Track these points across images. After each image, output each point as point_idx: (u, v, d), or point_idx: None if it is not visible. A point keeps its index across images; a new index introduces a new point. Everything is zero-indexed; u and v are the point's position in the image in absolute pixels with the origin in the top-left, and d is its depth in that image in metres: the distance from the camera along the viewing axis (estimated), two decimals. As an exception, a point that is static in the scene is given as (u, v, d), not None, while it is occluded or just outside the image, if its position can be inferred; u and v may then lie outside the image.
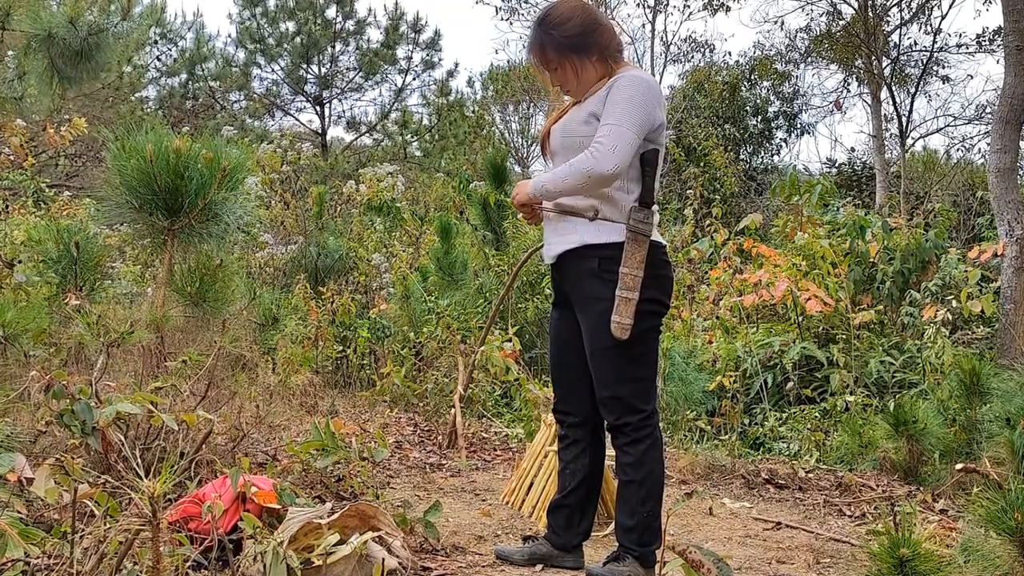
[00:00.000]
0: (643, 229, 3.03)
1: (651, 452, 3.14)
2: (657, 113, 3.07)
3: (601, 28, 3.16)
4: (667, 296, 3.19)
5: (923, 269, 8.02)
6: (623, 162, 2.99)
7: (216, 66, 23.05)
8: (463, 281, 8.67)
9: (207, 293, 4.73)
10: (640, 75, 3.10)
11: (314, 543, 2.84)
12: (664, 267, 3.15)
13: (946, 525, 4.01)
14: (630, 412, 3.13)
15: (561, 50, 3.15)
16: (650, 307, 3.09)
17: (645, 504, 3.14)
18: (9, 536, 2.48)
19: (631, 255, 3.02)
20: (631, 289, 3.02)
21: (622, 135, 2.98)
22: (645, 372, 3.16)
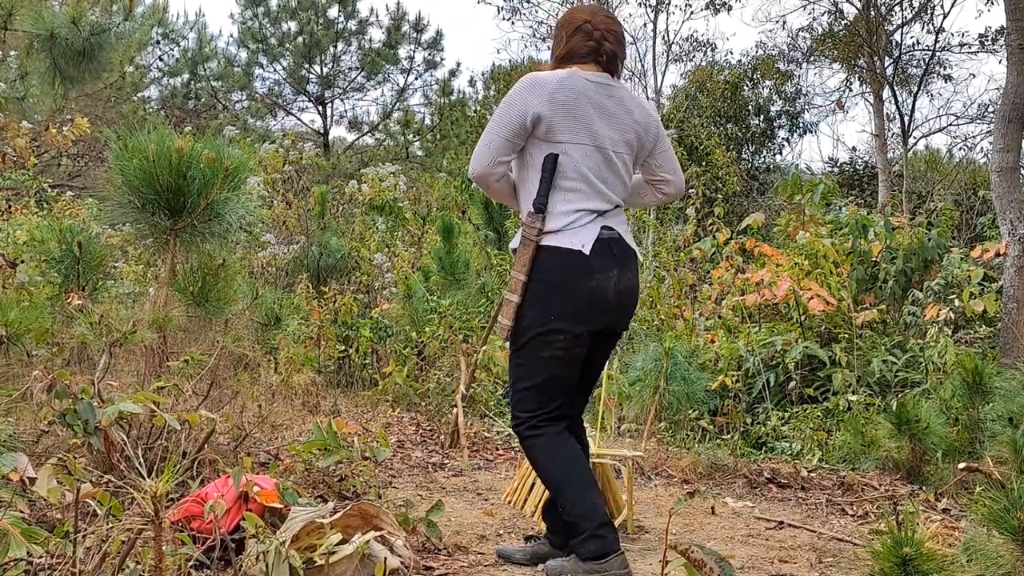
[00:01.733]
0: (528, 233, 3.06)
1: (531, 453, 3.18)
2: (530, 102, 3.03)
3: (559, 34, 3.23)
4: (559, 311, 3.05)
5: (925, 268, 8.01)
6: (478, 164, 3.09)
7: (218, 66, 23.09)
8: (465, 280, 8.67)
9: (209, 293, 4.73)
10: (530, 76, 3.11)
11: (316, 543, 2.85)
12: (562, 275, 3.05)
13: (949, 524, 4.01)
14: (514, 415, 3.22)
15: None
16: (533, 320, 3.06)
17: (558, 502, 3.16)
18: (12, 536, 2.48)
19: (518, 257, 3.08)
20: (513, 291, 3.08)
21: (481, 140, 3.10)
22: (525, 383, 3.15)
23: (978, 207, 15.17)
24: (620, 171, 3.16)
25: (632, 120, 3.16)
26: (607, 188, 3.12)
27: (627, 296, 3.16)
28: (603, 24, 3.20)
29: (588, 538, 3.04)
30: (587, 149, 3.08)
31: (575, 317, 3.06)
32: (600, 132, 3.09)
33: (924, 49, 20.56)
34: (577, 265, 3.05)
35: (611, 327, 3.19)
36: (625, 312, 3.19)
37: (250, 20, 23.09)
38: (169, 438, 3.72)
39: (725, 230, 9.34)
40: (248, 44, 23.16)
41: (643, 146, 3.21)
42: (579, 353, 3.14)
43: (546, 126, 3.04)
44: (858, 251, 8.06)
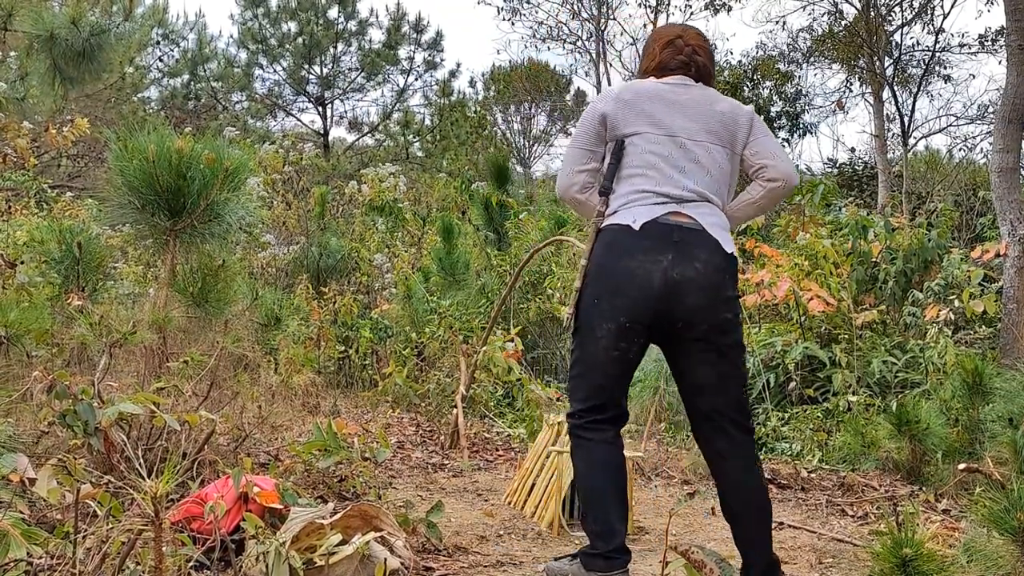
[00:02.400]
0: (596, 221, 3.05)
1: (576, 451, 3.08)
2: (596, 108, 3.10)
3: (651, 48, 3.28)
4: (601, 289, 2.97)
5: (925, 269, 8.01)
6: (561, 180, 3.15)
7: (218, 67, 23.09)
8: (465, 281, 8.67)
9: (209, 294, 4.73)
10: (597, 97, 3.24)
11: (316, 543, 2.85)
12: (608, 254, 2.98)
13: (949, 525, 4.01)
14: (571, 408, 3.12)
15: None
16: (584, 302, 3.01)
17: (584, 503, 3.08)
18: (12, 536, 2.48)
19: (587, 245, 3.08)
20: (579, 278, 3.05)
21: (563, 158, 3.20)
22: (574, 371, 3.07)
23: (978, 208, 15.17)
24: (703, 160, 3.04)
25: (714, 110, 3.08)
26: (684, 176, 3.00)
27: (683, 287, 2.89)
28: (694, 40, 3.22)
29: (598, 556, 3.00)
30: (655, 137, 3.04)
31: (611, 301, 2.94)
32: (673, 123, 3.04)
33: (924, 50, 20.57)
34: (622, 242, 2.96)
35: (667, 321, 2.93)
36: (683, 305, 2.89)
37: (250, 21, 23.09)
38: (169, 439, 3.72)
39: (725, 230, 9.32)
40: (248, 45, 23.16)
41: (735, 136, 3.09)
42: (625, 347, 2.96)
43: (612, 122, 3.06)
44: (858, 252, 8.06)
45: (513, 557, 3.62)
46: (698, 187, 3.01)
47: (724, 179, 3.09)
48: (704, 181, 3.03)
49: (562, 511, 4.06)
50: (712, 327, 2.93)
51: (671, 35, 3.24)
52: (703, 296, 2.90)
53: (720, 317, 2.93)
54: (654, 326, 2.96)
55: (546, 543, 3.86)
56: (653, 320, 2.94)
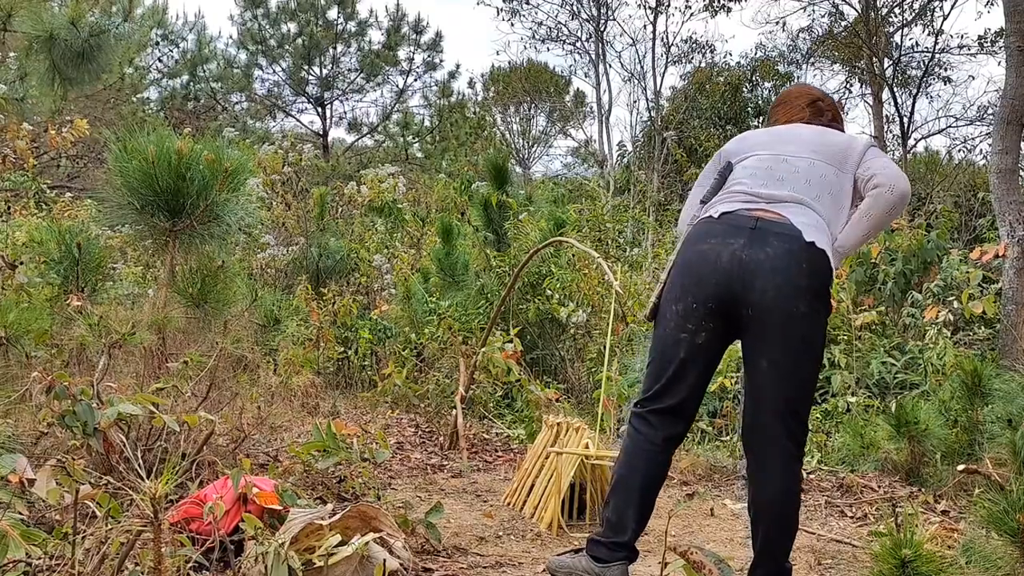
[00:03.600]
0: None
1: (623, 442, 3.11)
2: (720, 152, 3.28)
3: (776, 105, 3.49)
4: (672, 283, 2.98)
5: (925, 270, 8.01)
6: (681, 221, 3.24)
7: (218, 67, 23.08)
8: (464, 282, 8.67)
9: (209, 294, 4.73)
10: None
11: (316, 544, 2.85)
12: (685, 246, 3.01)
13: (948, 526, 4.01)
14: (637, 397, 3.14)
15: None
16: (664, 293, 3.05)
17: (611, 493, 3.08)
18: (11, 537, 2.48)
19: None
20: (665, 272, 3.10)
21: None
22: (648, 358, 3.09)
23: (977, 209, 15.17)
24: (802, 170, 3.04)
25: (826, 139, 3.16)
26: (781, 183, 3.01)
27: (751, 269, 2.82)
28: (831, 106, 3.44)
29: (604, 544, 3.01)
30: (760, 157, 3.14)
31: (681, 282, 2.94)
32: (781, 148, 3.14)
33: (924, 51, 20.58)
34: (700, 230, 2.98)
35: (736, 305, 2.86)
36: (752, 288, 2.81)
37: (249, 21, 23.08)
38: (168, 439, 3.72)
39: (725, 232, 9.32)
40: (247, 46, 23.15)
41: (846, 158, 3.08)
42: (692, 330, 2.92)
43: (727, 158, 3.22)
44: (857, 252, 8.06)
45: (512, 558, 3.62)
46: (794, 192, 2.99)
47: (827, 189, 3.02)
48: (801, 187, 3.01)
49: (561, 512, 4.06)
50: (780, 316, 2.82)
51: (814, 96, 3.44)
52: (772, 279, 2.81)
53: (790, 306, 2.81)
54: (723, 312, 2.89)
55: (545, 544, 3.86)
56: (720, 303, 2.87)
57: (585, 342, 8.32)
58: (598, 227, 9.72)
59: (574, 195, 15.48)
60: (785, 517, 2.96)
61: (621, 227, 10.71)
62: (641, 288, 8.81)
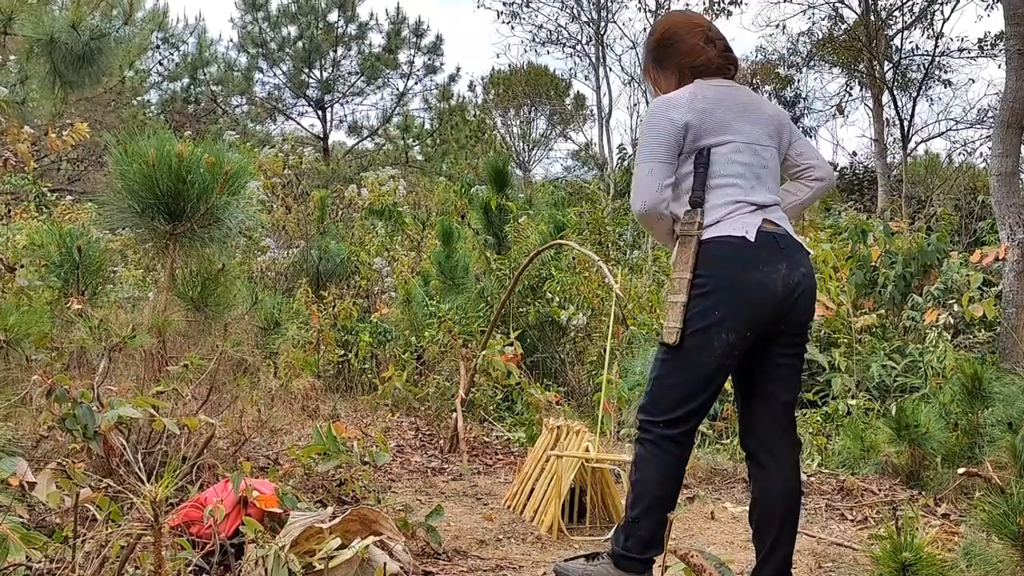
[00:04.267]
0: (686, 231, 2.95)
1: (644, 459, 3.02)
2: (672, 117, 2.98)
3: (677, 43, 3.14)
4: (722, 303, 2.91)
5: (925, 273, 8.01)
6: (648, 195, 2.97)
7: (218, 70, 23.10)
8: (465, 285, 8.67)
9: (209, 297, 4.73)
10: (662, 95, 3.08)
11: (316, 547, 2.85)
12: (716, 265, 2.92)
13: (948, 530, 4.01)
14: (643, 411, 3.05)
15: (647, 62, 3.24)
16: (698, 315, 2.92)
17: (632, 508, 3.05)
18: (11, 540, 2.48)
19: (679, 258, 2.97)
20: (676, 292, 2.94)
21: (637, 172, 3.00)
22: (672, 380, 3.00)
23: (977, 212, 15.18)
24: (770, 165, 3.07)
25: (767, 113, 3.11)
26: (761, 184, 3.02)
27: (799, 290, 2.95)
28: (718, 34, 3.19)
29: (635, 560, 3.04)
30: (737, 146, 3.03)
31: (739, 312, 2.91)
32: (744, 129, 3.04)
33: (924, 54, 20.60)
34: (743, 254, 2.92)
35: (781, 324, 2.96)
36: (797, 307, 2.96)
37: (250, 24, 23.11)
38: (169, 443, 3.72)
39: (725, 235, 9.32)
40: (248, 48, 23.18)
41: (782, 138, 3.14)
42: (735, 357, 2.96)
43: (694, 134, 3.00)
44: (857, 256, 8.06)
45: (512, 561, 3.62)
46: (772, 193, 3.05)
47: (779, 180, 3.14)
48: (773, 187, 3.08)
49: (562, 515, 4.06)
50: (805, 328, 3.07)
51: (703, 26, 3.18)
52: (811, 299, 3.02)
53: (811, 319, 3.09)
54: (764, 332, 2.97)
55: (545, 547, 3.86)
56: (768, 328, 2.96)
57: (585, 345, 8.32)
58: (598, 230, 9.72)
59: (574, 198, 15.48)
60: (799, 504, 3.10)
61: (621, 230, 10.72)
62: (641, 291, 8.81)
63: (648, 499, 3.04)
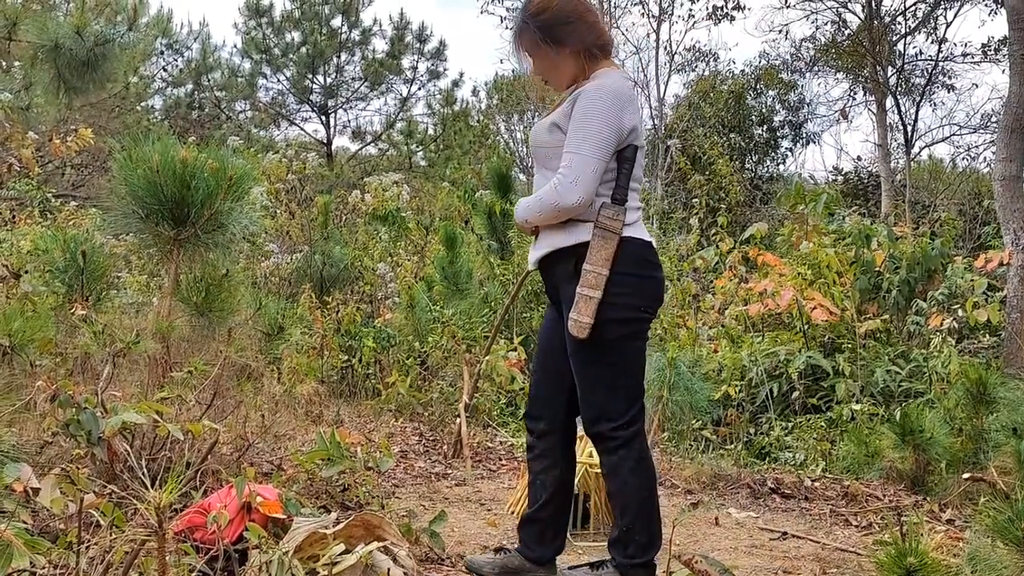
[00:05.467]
0: (611, 226, 2.95)
1: (624, 463, 3.03)
2: (624, 121, 2.97)
3: (579, 21, 3.07)
4: (647, 300, 3.06)
5: (929, 278, 8.01)
6: (588, 193, 2.94)
7: (222, 76, 23.15)
8: (468, 290, 8.67)
9: (213, 303, 4.72)
10: (604, 84, 2.98)
11: (319, 553, 2.84)
12: (643, 267, 3.04)
13: (953, 535, 4.00)
14: (603, 420, 3.04)
15: (537, 40, 3.08)
16: (624, 312, 2.98)
17: (624, 517, 3.07)
18: (15, 546, 2.48)
19: (596, 252, 2.94)
20: (593, 287, 2.94)
21: (584, 164, 2.92)
22: (622, 380, 3.04)
23: (982, 217, 15.17)
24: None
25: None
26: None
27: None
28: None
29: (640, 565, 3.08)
30: (642, 148, 3.10)
31: (654, 308, 3.11)
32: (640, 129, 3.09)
33: (927, 59, 20.60)
34: (652, 257, 3.09)
35: None
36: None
37: (254, 30, 23.14)
38: (172, 448, 3.72)
39: (728, 240, 9.34)
40: (252, 54, 23.21)
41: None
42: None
43: (630, 134, 3.02)
44: (861, 261, 8.06)
45: (516, 567, 3.61)
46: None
47: None
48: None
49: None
50: None
51: (592, 6, 3.22)
52: None
53: None
54: None
55: (549, 553, 3.85)
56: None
57: (589, 350, 8.30)
58: (602, 235, 9.70)
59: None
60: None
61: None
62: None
63: (636, 504, 3.07)
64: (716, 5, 20.46)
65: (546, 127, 3.06)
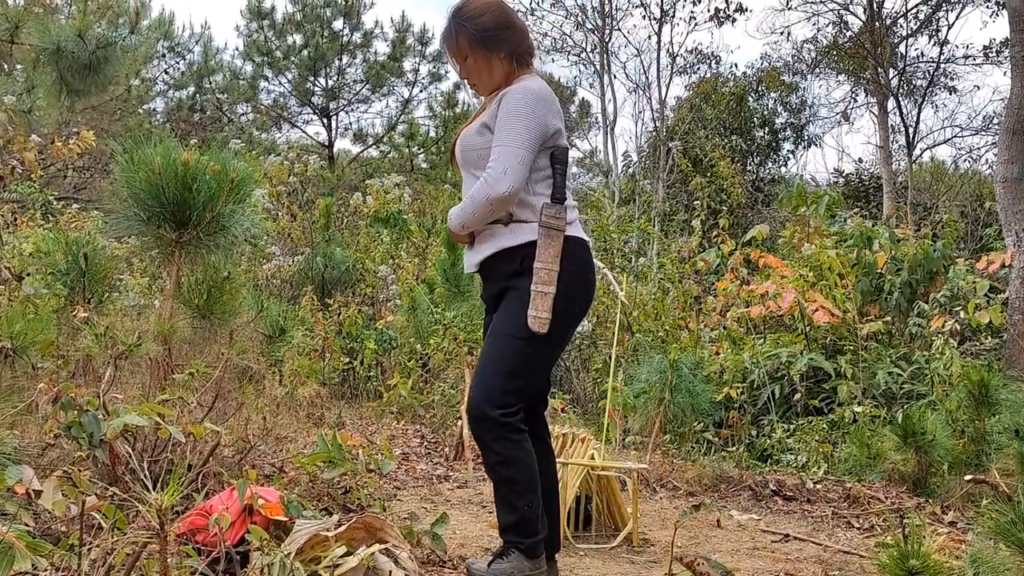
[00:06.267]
0: (555, 224, 3.03)
1: (509, 449, 3.06)
2: (550, 121, 3.06)
3: (513, 28, 3.17)
4: (588, 296, 3.17)
5: (931, 280, 8.00)
6: (518, 181, 2.98)
7: (224, 79, 23.17)
8: (469, 292, 8.67)
9: (214, 305, 4.73)
10: (529, 86, 3.07)
11: (321, 555, 2.84)
12: (585, 265, 3.14)
13: (955, 537, 4.00)
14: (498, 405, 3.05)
15: (473, 43, 3.14)
16: (563, 308, 3.05)
17: (521, 499, 3.08)
18: (17, 548, 2.48)
19: (544, 249, 3.02)
20: (546, 283, 3.01)
21: (511, 155, 2.98)
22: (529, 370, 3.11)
23: (983, 218, 15.17)
24: None
25: None
26: None
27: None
28: None
29: (539, 541, 3.11)
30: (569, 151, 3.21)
31: (585, 309, 3.20)
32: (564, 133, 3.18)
33: (929, 61, 20.59)
34: (589, 256, 3.18)
35: None
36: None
37: (255, 33, 23.17)
38: (174, 451, 3.72)
39: (730, 242, 9.34)
40: (253, 57, 23.23)
41: None
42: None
43: (555, 136, 3.10)
44: (863, 262, 8.05)
45: (518, 569, 3.60)
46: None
47: None
48: None
49: (567, 523, 4.05)
50: None
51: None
52: None
53: None
54: None
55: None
56: None
57: (590, 352, 8.32)
58: (603, 237, 9.72)
59: (579, 205, 15.49)
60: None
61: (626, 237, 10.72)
62: (646, 298, 8.81)
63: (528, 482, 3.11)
64: (718, 7, 20.48)
65: (475, 130, 3.15)
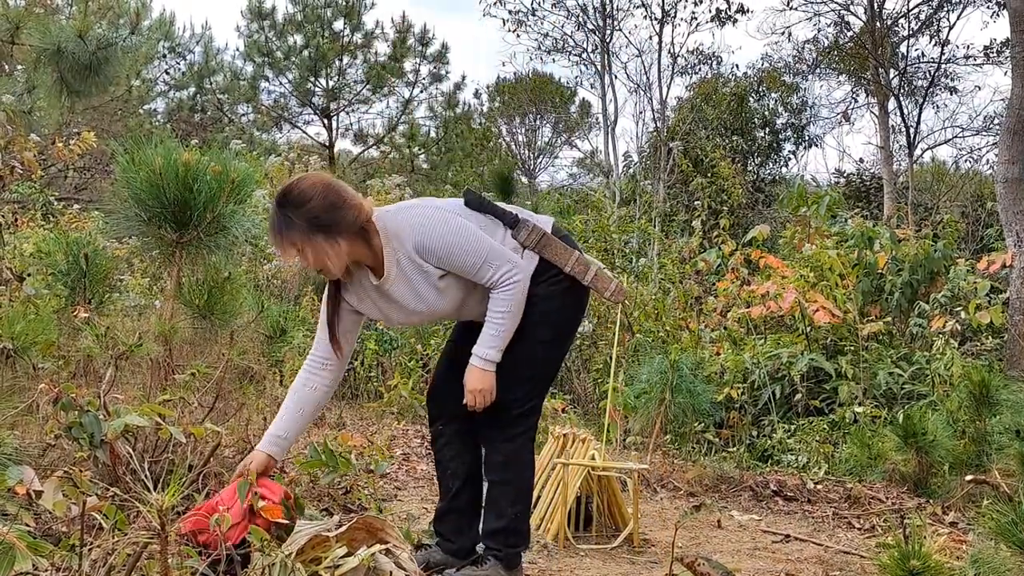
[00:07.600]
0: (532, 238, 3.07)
1: (520, 454, 3.11)
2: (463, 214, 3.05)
3: (345, 206, 2.94)
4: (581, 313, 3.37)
5: (931, 280, 8.00)
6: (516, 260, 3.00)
7: (224, 79, 23.14)
8: (470, 293, 8.67)
9: (215, 305, 4.72)
10: (417, 222, 3.00)
11: (322, 556, 2.84)
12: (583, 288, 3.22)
13: (956, 538, 4.00)
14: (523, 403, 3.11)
15: (304, 234, 2.93)
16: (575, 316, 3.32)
17: (514, 506, 3.10)
18: (17, 549, 2.48)
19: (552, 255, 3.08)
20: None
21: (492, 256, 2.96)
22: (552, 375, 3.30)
23: (984, 219, 15.17)
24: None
25: None
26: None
27: None
28: None
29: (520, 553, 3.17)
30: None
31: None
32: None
33: (930, 61, 20.58)
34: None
35: None
36: None
37: (256, 33, 23.13)
38: (175, 451, 3.73)
39: (730, 242, 9.34)
40: (254, 57, 23.20)
41: None
42: None
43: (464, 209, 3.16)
44: (864, 263, 8.05)
45: (519, 569, 3.61)
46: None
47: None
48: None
49: (568, 523, 4.05)
50: None
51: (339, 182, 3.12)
52: None
53: None
54: None
55: (551, 555, 3.85)
56: None
57: (591, 353, 8.32)
58: (604, 237, 9.72)
59: (580, 206, 15.48)
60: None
61: (627, 237, 10.72)
62: (647, 299, 8.81)
63: (528, 492, 3.19)
64: (719, 8, 20.47)
65: (420, 291, 3.05)
